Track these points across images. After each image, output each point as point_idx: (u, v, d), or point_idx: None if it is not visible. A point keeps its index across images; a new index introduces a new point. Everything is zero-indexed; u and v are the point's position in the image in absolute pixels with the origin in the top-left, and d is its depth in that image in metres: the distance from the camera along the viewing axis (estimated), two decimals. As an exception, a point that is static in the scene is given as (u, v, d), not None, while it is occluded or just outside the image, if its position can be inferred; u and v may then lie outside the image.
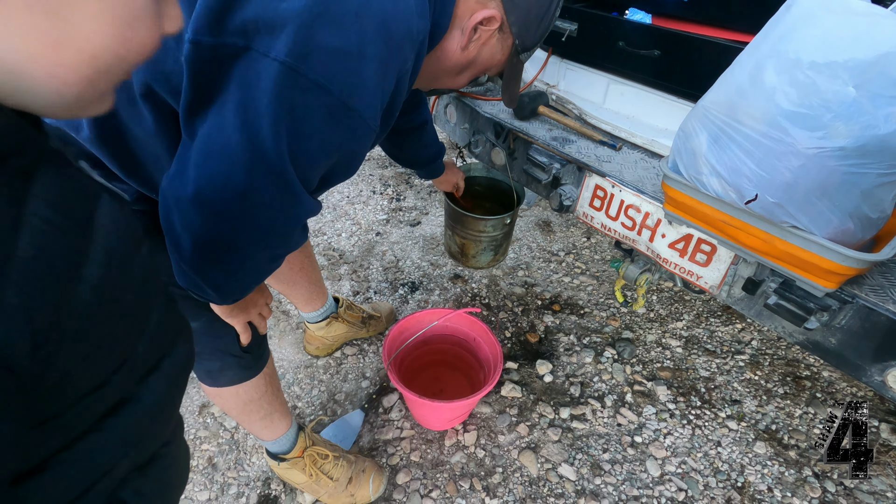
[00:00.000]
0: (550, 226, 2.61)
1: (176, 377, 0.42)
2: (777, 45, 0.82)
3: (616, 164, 1.33)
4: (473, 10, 0.79)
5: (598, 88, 1.52)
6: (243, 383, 1.12)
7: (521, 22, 0.82)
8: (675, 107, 1.34)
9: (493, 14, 0.80)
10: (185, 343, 0.44)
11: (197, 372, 1.08)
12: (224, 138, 0.61)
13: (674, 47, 1.25)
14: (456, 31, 0.81)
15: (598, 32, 1.42)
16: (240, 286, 0.80)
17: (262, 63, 0.58)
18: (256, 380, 1.14)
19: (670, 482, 1.48)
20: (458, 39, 0.82)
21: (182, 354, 0.43)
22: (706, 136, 0.93)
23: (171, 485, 0.48)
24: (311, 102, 0.60)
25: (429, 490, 1.45)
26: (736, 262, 1.08)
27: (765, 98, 0.83)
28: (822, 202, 0.82)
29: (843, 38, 0.75)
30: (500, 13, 0.81)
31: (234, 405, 1.17)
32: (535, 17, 0.83)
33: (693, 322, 2.03)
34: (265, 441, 1.31)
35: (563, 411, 1.66)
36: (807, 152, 0.79)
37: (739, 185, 0.89)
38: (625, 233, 1.29)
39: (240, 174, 0.62)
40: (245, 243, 0.70)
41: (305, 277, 1.60)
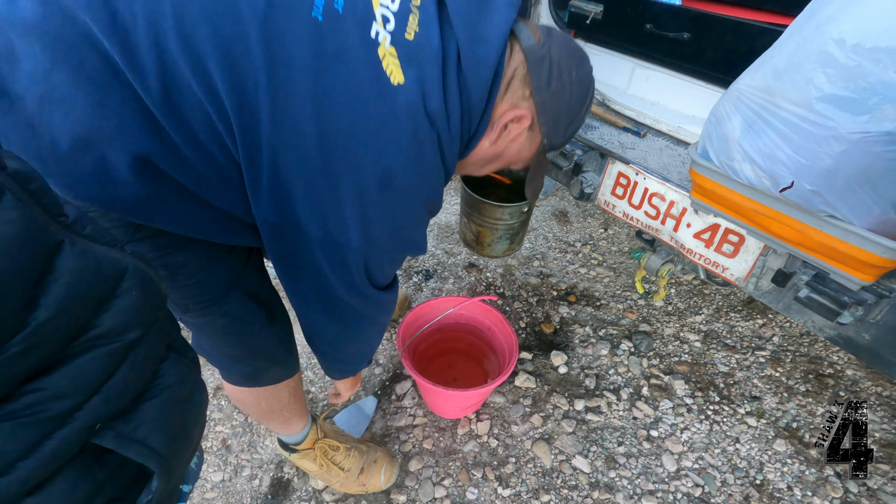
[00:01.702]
0: (567, 216, 2.57)
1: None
2: (822, 26, 0.77)
3: (640, 151, 1.29)
4: (507, 110, 0.81)
5: (623, 73, 1.48)
6: (266, 393, 1.08)
7: (551, 123, 0.84)
8: (704, 92, 1.29)
9: (525, 114, 0.81)
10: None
11: (230, 376, 1.04)
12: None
13: (705, 29, 1.21)
14: (489, 129, 0.82)
15: (625, 14, 1.37)
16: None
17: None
18: (279, 391, 1.10)
19: (687, 477, 1.45)
20: (489, 136, 0.83)
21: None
22: (740, 121, 0.89)
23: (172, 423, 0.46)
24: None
25: (441, 478, 1.45)
26: (765, 254, 1.04)
27: (805, 81, 0.78)
28: (864, 190, 0.78)
29: (892, 24, 0.71)
30: (531, 113, 0.82)
31: (256, 413, 1.14)
32: (564, 119, 0.85)
33: (712, 316, 1.99)
34: (279, 434, 1.31)
35: (578, 403, 1.64)
36: (850, 137, 0.75)
37: (774, 171, 0.85)
38: (648, 222, 1.25)
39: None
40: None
41: None
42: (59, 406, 0.35)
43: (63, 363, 0.36)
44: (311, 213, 0.68)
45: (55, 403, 0.35)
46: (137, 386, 0.43)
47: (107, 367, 0.39)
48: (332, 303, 0.82)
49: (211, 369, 1.73)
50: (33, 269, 0.33)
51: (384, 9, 0.66)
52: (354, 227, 0.70)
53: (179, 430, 0.47)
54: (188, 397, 0.49)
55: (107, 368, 0.39)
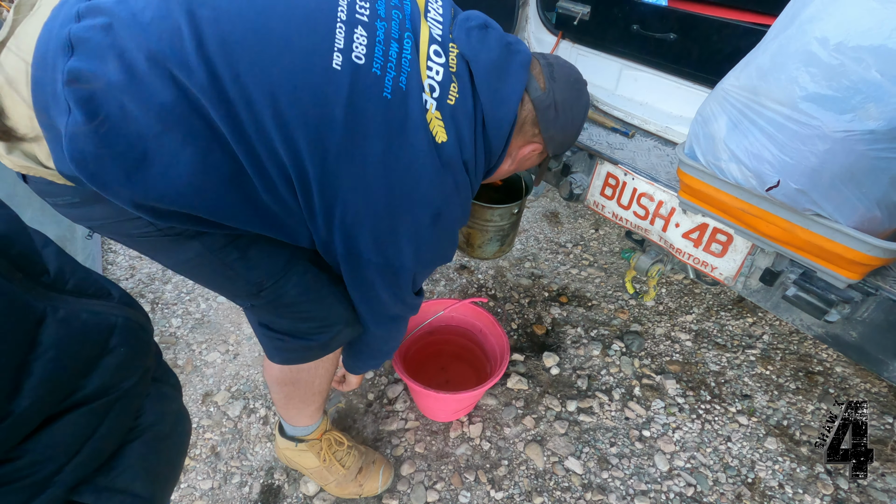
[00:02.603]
0: (558, 217, 2.57)
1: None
2: (804, 25, 0.78)
3: (628, 152, 1.29)
4: (521, 144, 0.98)
5: (611, 74, 1.48)
6: (326, 362, 1.14)
7: (558, 144, 1.00)
8: (691, 92, 1.30)
9: (538, 148, 0.99)
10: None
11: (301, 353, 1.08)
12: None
13: (691, 30, 1.21)
14: (507, 159, 1.00)
15: (612, 15, 1.37)
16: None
17: None
18: (332, 367, 1.18)
19: (679, 477, 1.45)
20: (508, 163, 1.02)
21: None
22: (726, 121, 0.90)
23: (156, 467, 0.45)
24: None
25: (433, 482, 1.44)
26: (753, 253, 1.04)
27: (789, 80, 0.79)
28: (848, 189, 0.79)
29: (873, 24, 0.71)
30: (541, 144, 0.99)
31: (304, 394, 1.18)
32: (568, 139, 1.01)
33: (703, 315, 2.00)
34: (294, 426, 1.30)
35: (570, 404, 1.64)
36: (834, 136, 0.75)
37: (760, 171, 0.85)
38: (637, 222, 1.26)
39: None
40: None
41: None
42: (37, 473, 0.34)
43: (43, 427, 0.34)
44: (374, 247, 0.84)
45: (33, 470, 0.33)
46: (118, 437, 0.41)
47: (89, 425, 0.37)
48: (379, 311, 1.00)
49: (199, 375, 1.71)
50: (15, 354, 0.32)
51: (431, 80, 0.80)
52: (409, 254, 0.86)
53: (163, 467, 0.45)
54: (171, 431, 0.47)
55: (89, 427, 0.37)
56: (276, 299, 0.96)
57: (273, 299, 0.96)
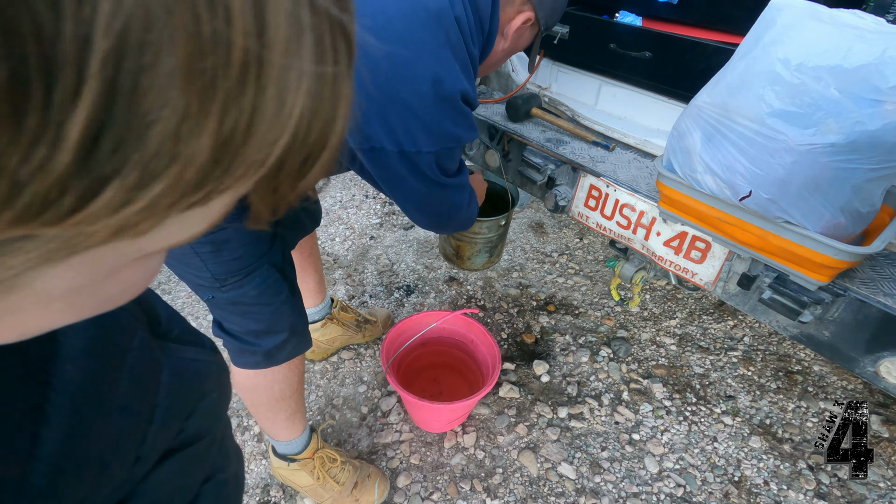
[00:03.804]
0: (543, 227, 2.62)
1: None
2: (768, 47, 0.84)
3: (610, 165, 1.34)
4: (512, 16, 0.99)
5: (591, 90, 1.54)
6: (280, 375, 1.16)
7: (548, 12, 1.02)
8: (667, 107, 1.36)
9: (529, 16, 1.00)
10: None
11: (251, 358, 1.10)
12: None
13: (664, 49, 1.28)
14: (500, 36, 1.00)
15: (590, 35, 1.44)
16: None
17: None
18: (292, 374, 1.19)
19: (669, 478, 1.49)
20: (502, 43, 1.02)
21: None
22: (700, 135, 0.95)
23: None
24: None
25: (430, 492, 1.45)
26: (730, 259, 1.10)
27: (756, 97, 0.85)
28: (814, 197, 0.84)
29: (829, 46, 0.78)
30: (532, 13, 1.00)
31: (267, 400, 1.19)
32: (558, 8, 1.04)
33: (686, 320, 2.06)
34: (279, 441, 1.31)
35: (561, 411, 1.67)
36: (799, 149, 0.81)
37: (733, 182, 0.91)
38: (620, 232, 1.31)
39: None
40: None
41: (313, 265, 1.62)
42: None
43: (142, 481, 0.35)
44: (387, 135, 0.86)
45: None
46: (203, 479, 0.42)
47: (188, 468, 0.39)
48: (422, 203, 1.03)
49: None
50: (150, 404, 0.34)
51: None
52: (419, 134, 0.87)
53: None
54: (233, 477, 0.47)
55: (188, 469, 0.39)
56: (235, 297, 1.00)
57: (232, 297, 1.00)
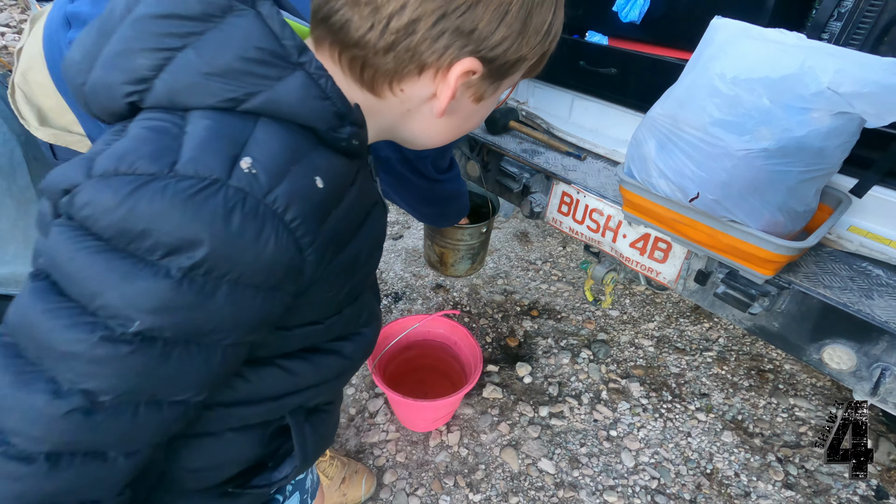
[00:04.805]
0: (528, 236, 2.71)
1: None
2: (707, 63, 0.93)
3: (581, 173, 1.43)
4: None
5: (564, 104, 1.64)
6: None
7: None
8: (634, 119, 1.46)
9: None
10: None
11: None
12: None
13: (628, 65, 1.38)
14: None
15: (562, 53, 1.53)
16: None
17: None
18: None
19: (644, 471, 1.56)
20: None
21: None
22: (654, 143, 1.04)
23: (323, 434, 0.65)
24: None
25: (414, 488, 1.51)
26: (689, 257, 1.18)
27: (700, 108, 0.94)
28: (754, 198, 0.93)
29: (758, 60, 0.87)
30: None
31: None
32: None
33: (664, 323, 2.14)
34: None
35: (543, 410, 1.74)
36: (737, 154, 0.90)
37: (683, 185, 1.00)
38: (591, 235, 1.39)
39: None
40: None
41: None
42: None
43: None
44: (389, 145, 0.94)
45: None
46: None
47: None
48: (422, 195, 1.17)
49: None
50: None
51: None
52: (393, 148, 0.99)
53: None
54: None
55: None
56: None
57: None
